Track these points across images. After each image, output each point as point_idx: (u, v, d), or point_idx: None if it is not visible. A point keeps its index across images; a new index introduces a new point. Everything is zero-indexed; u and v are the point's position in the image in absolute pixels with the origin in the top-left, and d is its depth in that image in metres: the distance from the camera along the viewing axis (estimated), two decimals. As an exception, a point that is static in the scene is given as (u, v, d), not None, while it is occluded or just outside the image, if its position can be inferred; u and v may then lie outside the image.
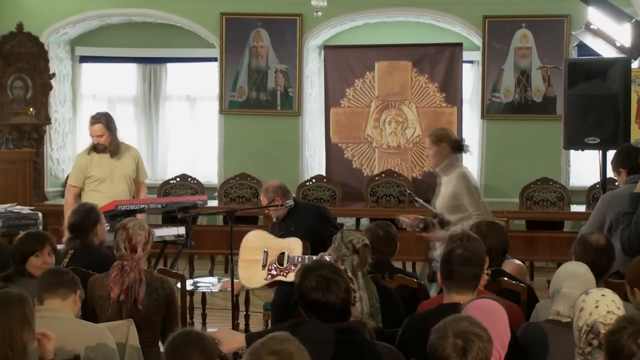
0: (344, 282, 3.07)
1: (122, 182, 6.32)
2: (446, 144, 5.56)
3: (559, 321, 3.37)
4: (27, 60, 9.73)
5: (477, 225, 4.42)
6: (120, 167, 6.34)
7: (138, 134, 10.53)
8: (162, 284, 4.14)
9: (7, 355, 2.75)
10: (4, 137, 9.06)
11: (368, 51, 9.75)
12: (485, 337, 2.61)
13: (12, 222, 6.02)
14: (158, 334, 4.11)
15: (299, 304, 3.09)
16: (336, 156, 9.80)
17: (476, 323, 2.64)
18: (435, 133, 5.72)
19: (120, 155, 6.34)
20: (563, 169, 9.56)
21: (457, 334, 2.58)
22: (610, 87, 6.11)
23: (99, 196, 6.14)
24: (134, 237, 4.12)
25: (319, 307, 3.02)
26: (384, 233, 4.62)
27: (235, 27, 9.83)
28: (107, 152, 6.30)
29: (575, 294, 3.28)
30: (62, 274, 3.59)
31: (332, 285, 3.02)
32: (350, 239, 4.04)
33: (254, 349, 2.38)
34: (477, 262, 3.49)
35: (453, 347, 2.56)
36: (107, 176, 6.29)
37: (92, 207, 4.91)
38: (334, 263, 3.38)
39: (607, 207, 5.03)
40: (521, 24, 9.49)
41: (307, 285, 3.03)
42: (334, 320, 3.02)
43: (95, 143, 6.31)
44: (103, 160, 6.31)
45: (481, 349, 2.57)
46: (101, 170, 6.30)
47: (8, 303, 2.81)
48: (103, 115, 6.41)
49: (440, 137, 5.63)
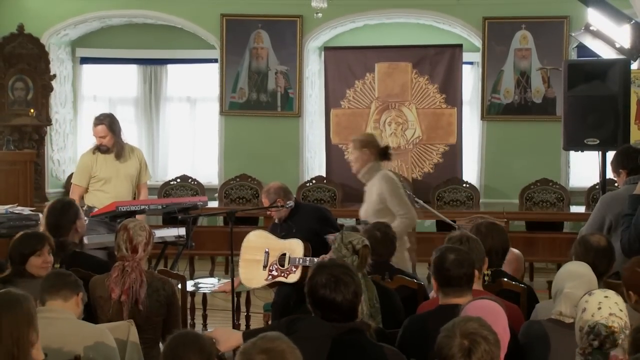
0: (354, 284, 3.07)
1: (127, 182, 6.35)
2: (369, 150, 5.55)
3: (561, 321, 3.37)
4: (27, 62, 9.75)
5: (476, 226, 4.42)
6: (125, 167, 6.36)
7: (138, 135, 10.54)
8: (163, 285, 4.14)
9: (14, 355, 2.76)
10: (4, 138, 9.07)
11: (368, 52, 9.76)
12: (492, 340, 2.59)
13: (13, 223, 6.02)
14: (159, 335, 4.12)
15: (308, 299, 3.10)
16: (336, 157, 9.81)
17: (485, 325, 2.63)
18: (359, 138, 5.69)
19: (125, 156, 6.36)
20: (563, 170, 9.56)
21: (464, 334, 2.57)
22: (610, 88, 6.11)
23: (105, 196, 6.18)
24: (135, 238, 4.13)
25: (325, 305, 3.03)
26: (381, 234, 4.62)
27: (236, 28, 9.84)
28: (110, 153, 6.32)
29: (577, 294, 3.27)
30: (65, 276, 3.60)
31: (341, 285, 3.03)
32: (350, 240, 4.05)
33: (244, 349, 2.39)
34: (470, 263, 3.50)
35: (459, 347, 2.55)
36: (113, 176, 6.31)
37: (69, 202, 4.92)
38: (349, 264, 3.38)
39: (606, 208, 5.04)
40: (521, 25, 9.50)
41: (318, 282, 3.04)
42: (339, 320, 3.02)
43: (99, 144, 6.34)
44: (108, 160, 6.34)
45: (487, 351, 2.56)
46: (106, 170, 6.32)
47: (14, 303, 2.81)
48: (107, 116, 6.43)
49: (364, 143, 5.59)
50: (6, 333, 2.75)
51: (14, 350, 2.75)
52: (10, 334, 2.76)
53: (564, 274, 3.48)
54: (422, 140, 9.66)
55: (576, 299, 3.25)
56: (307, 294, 3.10)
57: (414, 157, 9.69)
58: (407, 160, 9.70)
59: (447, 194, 9.20)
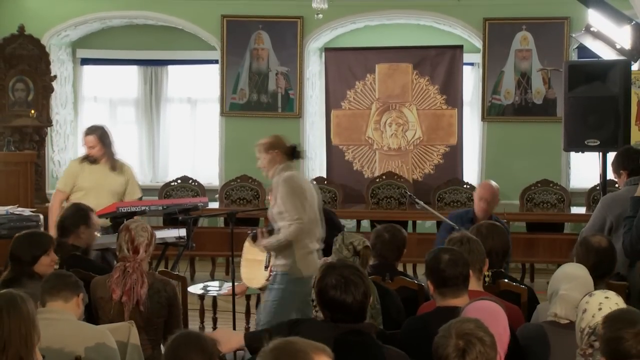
0: (364, 285, 3.06)
1: (110, 196, 6.17)
2: (277, 151, 5.31)
3: (557, 322, 3.37)
4: (28, 63, 9.75)
5: (477, 227, 4.43)
6: (109, 182, 6.23)
7: (139, 136, 10.55)
8: (164, 286, 4.14)
9: (21, 355, 2.75)
10: (5, 139, 9.07)
11: (369, 53, 9.76)
12: (488, 342, 2.60)
13: (14, 224, 6.01)
14: (160, 336, 4.12)
15: (317, 300, 3.10)
16: (337, 158, 9.82)
17: (482, 327, 2.63)
18: (265, 141, 5.44)
19: (113, 170, 6.27)
20: (563, 171, 9.56)
21: (460, 334, 2.58)
22: (610, 89, 6.12)
23: None
24: (137, 239, 4.13)
25: (335, 306, 3.03)
26: (389, 236, 4.59)
27: (236, 29, 9.85)
28: (98, 163, 6.26)
29: (573, 296, 3.29)
30: (65, 277, 3.60)
31: (351, 286, 3.02)
32: (351, 241, 4.05)
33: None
34: (465, 262, 3.50)
35: (454, 347, 2.56)
36: (94, 188, 6.17)
37: (79, 207, 4.94)
38: (357, 265, 3.38)
39: (607, 209, 5.04)
40: (521, 26, 9.50)
41: (327, 283, 3.04)
42: (348, 321, 3.02)
43: (87, 154, 6.29)
44: (93, 171, 6.23)
45: (482, 352, 2.56)
46: (90, 181, 6.21)
47: (18, 303, 2.81)
48: (99, 127, 6.35)
49: (271, 145, 5.37)
50: (15, 333, 2.74)
51: (22, 350, 2.74)
52: (19, 334, 2.76)
53: (559, 276, 3.49)
54: (423, 141, 9.67)
55: (572, 301, 3.27)
56: (316, 294, 3.10)
57: (415, 158, 9.69)
58: (408, 161, 9.70)
59: (447, 194, 9.20)
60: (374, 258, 4.53)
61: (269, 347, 2.14)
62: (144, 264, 4.15)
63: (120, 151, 6.51)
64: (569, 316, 3.30)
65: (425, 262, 3.56)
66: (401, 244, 4.66)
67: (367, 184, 9.41)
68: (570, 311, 3.29)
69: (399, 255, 4.67)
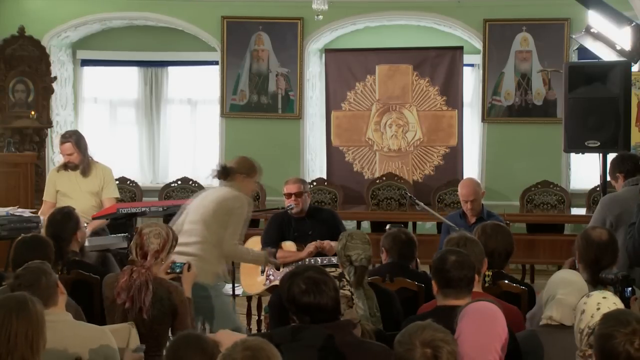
0: (331, 280, 3.07)
1: (89, 197, 6.19)
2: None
3: (551, 325, 3.40)
4: (28, 64, 9.75)
5: (482, 226, 4.41)
6: (86, 184, 6.23)
7: (139, 137, 10.55)
8: (169, 295, 4.01)
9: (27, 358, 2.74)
10: (5, 140, 9.08)
11: (369, 55, 9.77)
12: (450, 340, 2.62)
13: (14, 225, 6.01)
14: (161, 343, 4.05)
15: (290, 308, 3.07)
16: (337, 159, 9.82)
17: (439, 328, 2.64)
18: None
19: (89, 173, 6.25)
20: (563, 172, 9.57)
21: (424, 343, 2.58)
22: (611, 90, 6.12)
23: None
24: (146, 244, 4.05)
25: (311, 310, 3.01)
26: (406, 237, 4.60)
27: (237, 30, 9.85)
28: (77, 170, 6.25)
29: (569, 301, 3.33)
30: (42, 284, 3.40)
31: (322, 286, 3.01)
32: (349, 254, 4.05)
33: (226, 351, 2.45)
34: (471, 266, 3.50)
35: (423, 357, 2.56)
36: (71, 191, 6.19)
37: (69, 212, 4.87)
38: (319, 265, 3.39)
39: (606, 209, 5.06)
40: (521, 28, 9.51)
41: (296, 290, 3.01)
42: (325, 320, 3.01)
43: (66, 161, 6.30)
44: (71, 177, 6.25)
45: (450, 352, 2.58)
46: (68, 185, 6.23)
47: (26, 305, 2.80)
48: (73, 133, 6.38)
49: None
50: (21, 336, 2.73)
51: (27, 354, 2.73)
52: (25, 336, 2.75)
53: (556, 281, 3.51)
54: (423, 143, 9.67)
55: (567, 305, 3.31)
56: (288, 304, 3.06)
57: (415, 159, 9.69)
58: (408, 162, 9.70)
59: (447, 196, 9.20)
60: (390, 257, 4.54)
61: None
62: (154, 269, 4.04)
63: (120, 152, 6.53)
64: (565, 320, 3.33)
65: (432, 261, 3.57)
66: (415, 245, 4.68)
67: (367, 185, 9.42)
68: (566, 315, 3.32)
69: (413, 257, 4.70)
